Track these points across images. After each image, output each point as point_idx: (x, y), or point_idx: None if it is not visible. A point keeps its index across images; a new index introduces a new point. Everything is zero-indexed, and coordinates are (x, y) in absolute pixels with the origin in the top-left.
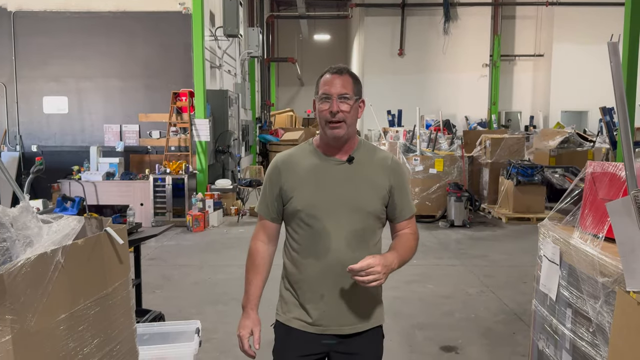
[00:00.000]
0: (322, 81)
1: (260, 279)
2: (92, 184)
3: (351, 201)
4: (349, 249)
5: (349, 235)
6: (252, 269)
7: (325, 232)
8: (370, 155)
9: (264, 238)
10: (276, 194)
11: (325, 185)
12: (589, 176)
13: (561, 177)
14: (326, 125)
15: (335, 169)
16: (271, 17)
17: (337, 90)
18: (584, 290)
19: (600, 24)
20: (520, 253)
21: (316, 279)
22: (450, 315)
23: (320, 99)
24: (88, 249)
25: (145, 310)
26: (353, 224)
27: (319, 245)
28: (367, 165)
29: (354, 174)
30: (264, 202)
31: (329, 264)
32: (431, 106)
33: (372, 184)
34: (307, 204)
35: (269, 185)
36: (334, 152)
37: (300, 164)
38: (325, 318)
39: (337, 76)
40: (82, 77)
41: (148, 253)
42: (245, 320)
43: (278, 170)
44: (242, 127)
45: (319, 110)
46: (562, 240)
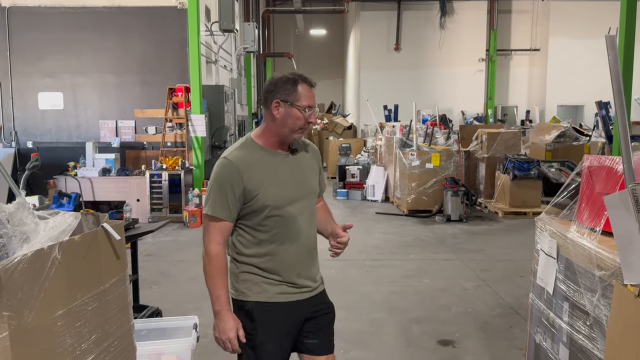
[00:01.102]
0: (304, 92)
1: (226, 280)
2: (88, 180)
3: (305, 186)
4: (310, 227)
5: (309, 214)
6: (218, 273)
7: (294, 218)
8: (300, 145)
9: (221, 240)
10: (239, 195)
11: (283, 177)
12: (585, 170)
13: (557, 172)
14: (296, 131)
15: (284, 161)
16: (267, 12)
17: (314, 104)
18: (581, 284)
19: (596, 18)
20: (517, 247)
21: (294, 259)
22: (447, 309)
23: (304, 110)
24: (85, 245)
25: (142, 306)
26: (309, 205)
27: (291, 230)
28: (302, 153)
29: (298, 162)
30: (224, 205)
31: (301, 244)
32: (427, 101)
33: (311, 168)
34: (275, 197)
35: (229, 186)
36: (280, 148)
37: (255, 162)
38: (301, 285)
39: (312, 90)
40: (77, 72)
41: (145, 249)
42: (227, 323)
43: (238, 171)
44: (238, 122)
45: (297, 118)
46: (559, 234)
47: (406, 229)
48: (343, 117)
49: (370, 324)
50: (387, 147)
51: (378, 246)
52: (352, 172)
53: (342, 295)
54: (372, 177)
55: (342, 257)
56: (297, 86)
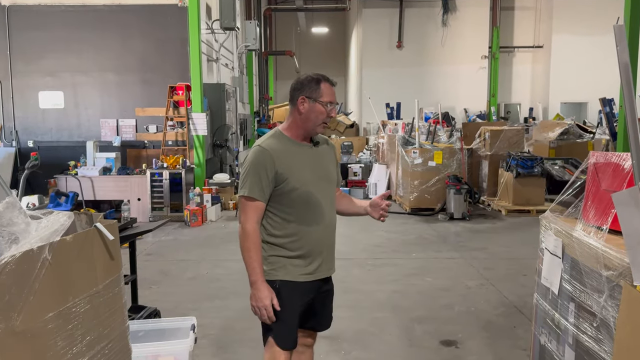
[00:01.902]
0: (326, 90)
1: (260, 255)
2: (89, 179)
3: (327, 175)
4: (331, 210)
5: (330, 200)
6: (254, 248)
7: (318, 202)
8: (320, 139)
9: (257, 219)
10: (272, 177)
11: (308, 164)
12: (591, 167)
13: (561, 169)
14: (320, 125)
15: (310, 151)
16: (268, 10)
17: (335, 100)
18: (587, 284)
19: (599, 14)
20: (520, 245)
21: (319, 239)
22: (450, 309)
23: (326, 105)
24: (77, 246)
25: (140, 306)
26: (330, 191)
27: (317, 213)
28: (323, 146)
29: (320, 154)
30: (259, 186)
31: (326, 226)
32: (430, 99)
33: (330, 159)
34: (303, 182)
35: (263, 170)
36: (304, 140)
37: (284, 150)
38: (322, 267)
39: (334, 88)
40: (78, 71)
41: (145, 248)
42: (262, 292)
43: (271, 157)
44: (240, 121)
45: (320, 112)
46: (564, 232)
47: (409, 227)
48: (345, 115)
49: (371, 324)
50: (389, 145)
51: (380, 245)
52: (354, 171)
53: (344, 295)
54: (375, 175)
55: (343, 255)
56: (320, 84)
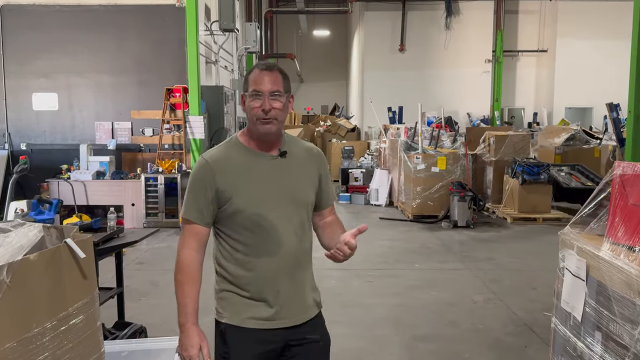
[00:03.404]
0: (251, 78)
1: (196, 291)
2: (82, 183)
3: (292, 194)
4: (297, 240)
5: (295, 227)
6: (187, 281)
7: (274, 227)
8: (297, 148)
9: (194, 245)
10: (211, 197)
11: (264, 181)
12: (617, 179)
13: (567, 176)
14: (257, 122)
15: (270, 164)
16: (269, 12)
17: (268, 88)
18: (617, 313)
19: (604, 19)
20: (527, 256)
21: (272, 275)
22: (456, 326)
23: (251, 96)
24: (42, 265)
25: (125, 323)
26: (296, 215)
27: (270, 241)
28: (298, 157)
29: (289, 167)
30: (196, 207)
31: (283, 258)
32: (433, 103)
33: (306, 175)
34: (251, 202)
35: (201, 187)
36: (266, 148)
37: (233, 162)
38: (282, 311)
39: (267, 72)
40: (73, 72)
41: (137, 256)
42: (190, 338)
43: (211, 171)
44: (239, 124)
45: (250, 108)
46: (588, 252)
47: (411, 235)
48: (346, 119)
49: (372, 342)
50: (391, 150)
51: (382, 254)
52: (355, 176)
53: (342, 309)
54: (376, 180)
55: (343, 266)
56: (250, 74)
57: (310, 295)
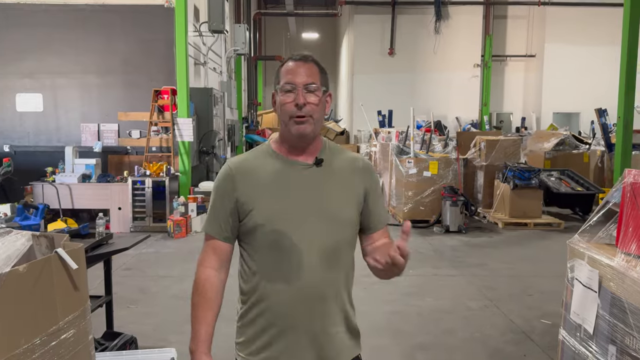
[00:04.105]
0: (283, 70)
1: (212, 316)
2: (67, 186)
3: (324, 209)
4: (323, 267)
5: (323, 251)
6: (202, 304)
7: (295, 249)
8: (338, 157)
9: (214, 264)
10: (231, 209)
11: (291, 193)
12: (628, 187)
13: (557, 181)
14: (290, 121)
15: (301, 173)
16: (258, 14)
17: (303, 80)
18: (633, 326)
19: (592, 24)
20: (520, 261)
21: (287, 307)
22: (453, 334)
23: (282, 90)
24: (32, 277)
25: (115, 333)
26: (327, 236)
27: (288, 265)
28: (337, 167)
29: (324, 178)
30: (215, 220)
31: (301, 288)
32: (422, 107)
33: (345, 188)
34: (271, 216)
35: (220, 198)
36: (298, 154)
37: (258, 169)
38: (298, 355)
39: (302, 64)
40: (58, 73)
41: (124, 262)
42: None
43: (232, 179)
44: (227, 127)
45: (281, 103)
46: (601, 263)
47: None
48: (335, 123)
49: (370, 353)
50: (382, 154)
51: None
52: None
53: None
54: None
55: None
56: (282, 67)
57: (340, 336)
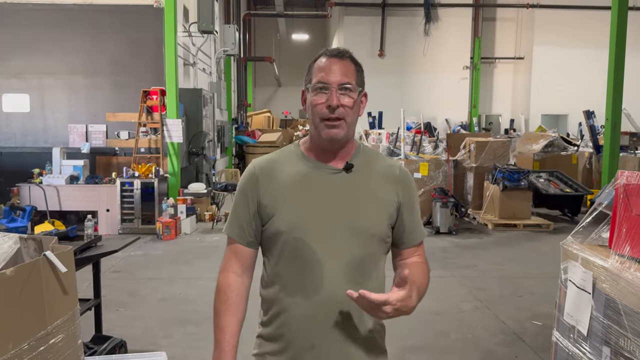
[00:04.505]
0: (316, 66)
1: (235, 323)
2: (54, 188)
3: (350, 220)
4: (346, 282)
5: (347, 265)
6: (224, 311)
7: (317, 261)
8: (373, 163)
9: (237, 269)
10: (253, 212)
11: (316, 199)
12: (621, 188)
13: (546, 182)
14: (321, 124)
15: (329, 179)
16: (248, 15)
17: (337, 79)
18: (628, 328)
19: (580, 27)
20: (510, 263)
21: (305, 323)
22: (445, 336)
23: (314, 90)
24: (20, 280)
25: (104, 336)
26: (352, 250)
27: (308, 278)
28: (370, 174)
29: (354, 185)
30: (236, 222)
31: (320, 303)
32: (411, 108)
33: (376, 198)
34: (293, 224)
35: (243, 199)
36: (328, 158)
37: (284, 172)
38: None
39: (337, 61)
40: (46, 73)
41: (113, 265)
42: None
43: (255, 180)
44: (217, 128)
45: (313, 104)
46: (595, 265)
47: None
48: None
49: None
50: None
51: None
52: None
53: None
54: None
55: None
56: (315, 63)
57: (360, 358)
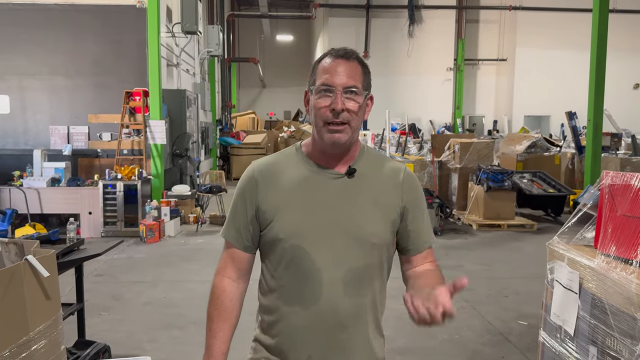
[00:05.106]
0: (321, 67)
1: (228, 329)
2: (36, 190)
3: (351, 228)
4: (346, 292)
5: (347, 274)
6: (217, 316)
7: (315, 269)
8: (377, 167)
9: (232, 273)
10: (251, 216)
11: (317, 206)
12: (606, 189)
13: (529, 182)
14: (324, 127)
15: (330, 184)
16: (232, 15)
17: (343, 81)
18: (615, 327)
19: (562, 29)
20: (496, 263)
21: (303, 333)
22: (433, 337)
23: (318, 92)
24: (1, 285)
25: (87, 341)
26: (353, 258)
27: (307, 288)
28: (373, 179)
29: (356, 191)
30: (234, 225)
31: (318, 313)
32: (396, 109)
33: (379, 204)
34: (292, 231)
35: (241, 202)
36: (330, 162)
37: (284, 176)
38: None
39: (344, 62)
40: (26, 74)
41: (96, 268)
42: None
43: (255, 184)
44: (201, 129)
45: (316, 107)
46: (582, 265)
47: None
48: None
49: None
50: None
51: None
52: None
53: None
54: None
55: None
56: (319, 63)
57: None
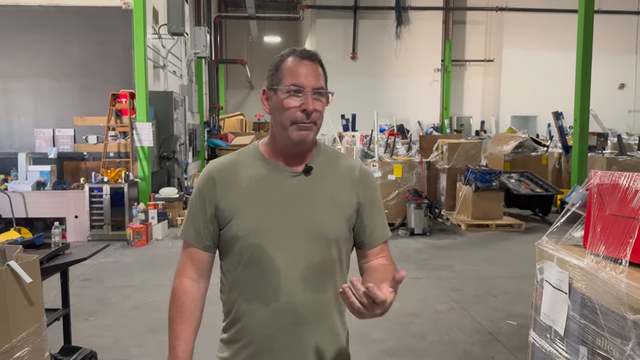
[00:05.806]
0: (287, 68)
1: (190, 329)
2: (21, 194)
3: (308, 225)
4: (306, 288)
5: (306, 271)
6: (179, 317)
7: (274, 267)
8: (333, 164)
9: (192, 274)
10: (210, 215)
11: (275, 204)
12: (594, 188)
13: (517, 182)
14: (292, 126)
15: (288, 182)
16: (219, 17)
17: (312, 83)
18: (605, 327)
19: (548, 29)
20: (484, 263)
21: (264, 329)
22: (422, 338)
23: (287, 92)
24: None
25: (73, 347)
26: (311, 255)
27: (266, 285)
28: (329, 176)
29: (313, 188)
30: (193, 226)
31: (278, 310)
32: (384, 110)
33: (335, 201)
34: (250, 229)
35: (200, 202)
36: (288, 161)
37: (242, 175)
38: None
39: (310, 63)
40: (10, 76)
41: (82, 273)
42: None
43: (213, 183)
44: (189, 131)
45: (285, 106)
46: (571, 264)
47: None
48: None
49: None
50: None
51: None
52: None
53: None
54: None
55: None
56: (282, 63)
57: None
